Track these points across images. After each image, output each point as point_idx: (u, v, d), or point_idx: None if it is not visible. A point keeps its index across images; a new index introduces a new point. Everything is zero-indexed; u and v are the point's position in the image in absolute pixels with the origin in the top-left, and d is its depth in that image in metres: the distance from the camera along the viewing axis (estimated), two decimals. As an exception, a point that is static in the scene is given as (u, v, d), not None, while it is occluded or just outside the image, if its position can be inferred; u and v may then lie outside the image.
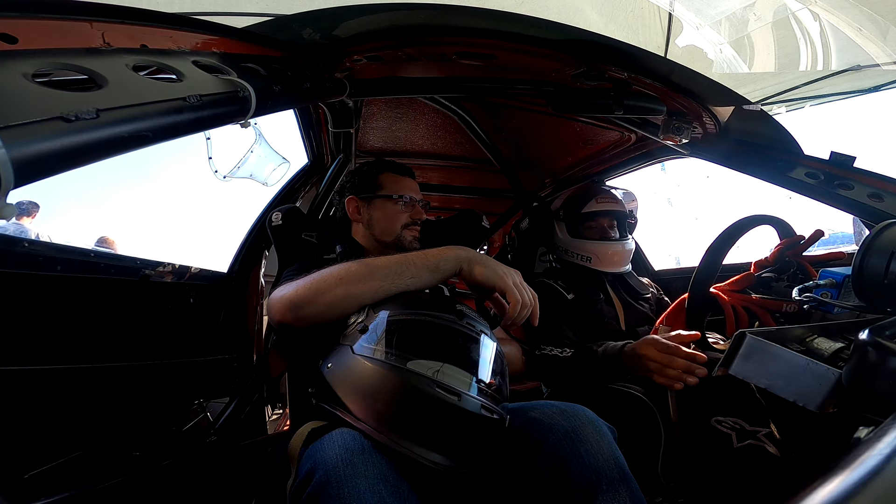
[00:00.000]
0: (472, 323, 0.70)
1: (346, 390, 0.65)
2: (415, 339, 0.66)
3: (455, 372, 0.63)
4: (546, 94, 1.07)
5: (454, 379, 0.62)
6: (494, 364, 0.69)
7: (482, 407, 0.62)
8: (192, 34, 0.64)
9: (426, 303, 0.74)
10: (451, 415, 0.60)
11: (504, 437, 0.66)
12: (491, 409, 0.63)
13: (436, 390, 0.60)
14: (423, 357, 0.63)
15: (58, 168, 0.38)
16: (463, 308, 0.72)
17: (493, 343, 0.71)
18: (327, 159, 1.66)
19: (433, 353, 0.64)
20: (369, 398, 0.63)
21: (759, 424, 0.89)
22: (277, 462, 0.71)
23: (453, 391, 0.61)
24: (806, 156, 1.07)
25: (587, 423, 0.67)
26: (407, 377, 0.61)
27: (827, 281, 0.79)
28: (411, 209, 1.13)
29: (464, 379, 0.63)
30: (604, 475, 0.61)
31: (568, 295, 1.35)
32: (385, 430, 0.60)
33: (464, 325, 0.69)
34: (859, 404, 0.48)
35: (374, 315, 0.70)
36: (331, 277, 0.76)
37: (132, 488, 0.91)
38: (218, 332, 1.43)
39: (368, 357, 0.64)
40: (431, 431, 0.61)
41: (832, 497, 0.24)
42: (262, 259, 1.57)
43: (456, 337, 0.68)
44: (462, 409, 0.61)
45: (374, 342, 0.66)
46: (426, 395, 0.60)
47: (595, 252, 1.40)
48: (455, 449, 0.61)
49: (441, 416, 0.60)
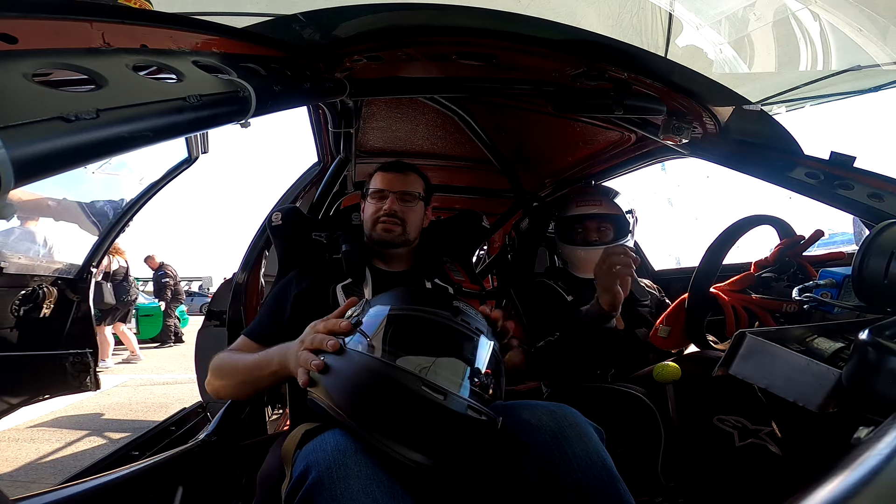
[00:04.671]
0: (468, 320, 0.68)
1: (335, 385, 0.64)
2: (407, 334, 0.65)
3: (444, 370, 0.62)
4: (546, 94, 1.07)
5: (442, 377, 0.61)
6: (488, 364, 0.67)
7: (469, 407, 0.61)
8: (192, 34, 0.64)
9: (424, 298, 0.73)
10: (436, 414, 0.59)
11: (494, 438, 0.65)
12: (479, 410, 0.62)
13: (421, 388, 0.59)
14: (413, 353, 0.62)
15: (58, 168, 0.38)
16: (460, 305, 0.70)
17: (489, 342, 0.69)
18: (327, 159, 1.66)
19: (424, 349, 0.63)
20: (356, 394, 0.62)
21: (761, 423, 0.89)
22: (272, 463, 0.71)
23: (439, 390, 0.59)
24: (806, 156, 1.07)
25: (574, 424, 0.66)
26: (394, 373, 0.60)
27: (827, 281, 0.79)
28: (381, 203, 1.09)
29: (453, 378, 0.62)
30: (591, 477, 0.61)
31: (568, 296, 1.34)
32: (368, 427, 0.59)
33: (458, 323, 0.67)
34: (859, 404, 0.48)
35: (369, 309, 0.69)
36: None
37: (132, 488, 0.91)
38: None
39: (359, 352, 0.64)
40: (414, 430, 0.60)
41: (832, 497, 0.24)
42: (262, 259, 1.57)
43: (449, 334, 0.66)
44: (447, 409, 0.59)
45: (366, 337, 0.65)
46: (411, 393, 0.59)
47: (571, 257, 1.39)
48: (437, 449, 0.60)
49: (425, 415, 0.59)
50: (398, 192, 1.09)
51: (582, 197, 1.42)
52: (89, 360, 1.96)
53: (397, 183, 1.10)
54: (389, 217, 1.07)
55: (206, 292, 11.81)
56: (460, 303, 0.71)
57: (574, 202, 1.41)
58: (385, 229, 1.07)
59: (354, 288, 1.00)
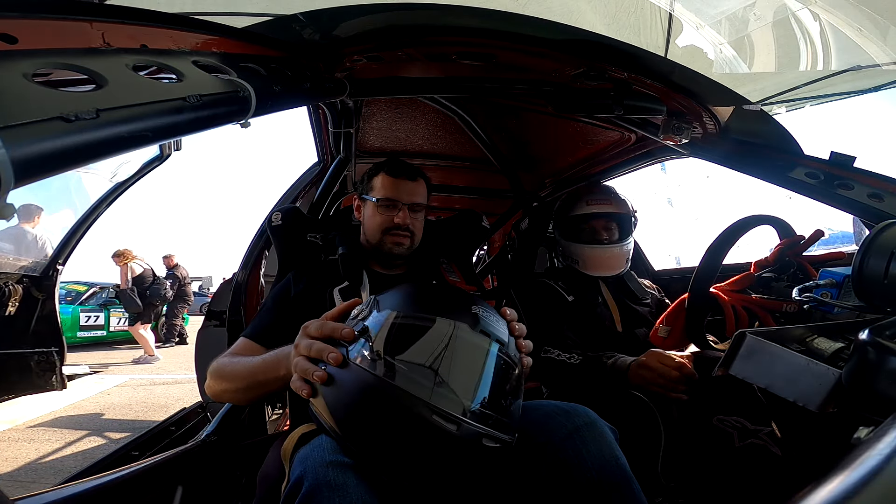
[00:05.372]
0: (488, 330, 0.60)
1: (335, 401, 0.58)
2: (418, 348, 0.57)
3: (457, 390, 0.55)
4: (546, 94, 1.07)
5: (453, 403, 0.55)
6: (507, 380, 0.60)
7: (483, 436, 0.55)
8: (192, 34, 0.64)
9: (439, 301, 0.64)
10: (446, 445, 0.53)
11: (508, 458, 0.60)
12: (494, 438, 0.56)
13: (432, 417, 0.53)
14: (424, 368, 0.56)
15: (58, 168, 0.38)
16: (479, 311, 0.62)
17: (509, 355, 0.62)
18: (327, 159, 1.66)
19: (437, 365, 0.56)
20: (359, 417, 0.56)
21: (761, 423, 0.89)
22: (272, 463, 0.71)
23: (452, 419, 0.53)
24: (806, 156, 1.07)
25: (589, 423, 0.66)
26: (402, 398, 0.54)
27: (827, 281, 0.79)
28: (392, 213, 1.03)
29: (466, 401, 0.55)
30: (606, 476, 0.61)
31: (568, 297, 1.34)
32: (371, 455, 0.55)
33: (477, 335, 0.59)
34: (859, 404, 0.48)
35: (377, 311, 0.62)
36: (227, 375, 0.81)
37: (132, 488, 0.91)
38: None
39: (363, 369, 0.56)
40: (422, 461, 0.55)
41: (832, 497, 0.24)
42: (262, 259, 1.57)
43: (467, 349, 0.58)
44: (459, 440, 0.53)
45: (371, 348, 0.58)
46: (421, 422, 0.53)
47: (581, 255, 1.39)
48: (446, 480, 0.56)
49: (434, 447, 0.54)
50: (410, 203, 1.04)
51: (593, 196, 1.42)
52: (55, 359, 1.95)
53: (410, 193, 1.04)
54: (401, 231, 1.02)
55: (206, 292, 11.80)
56: (479, 307, 0.63)
57: (584, 200, 1.41)
58: (396, 242, 1.03)
59: (351, 291, 0.99)
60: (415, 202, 1.05)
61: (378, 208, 1.04)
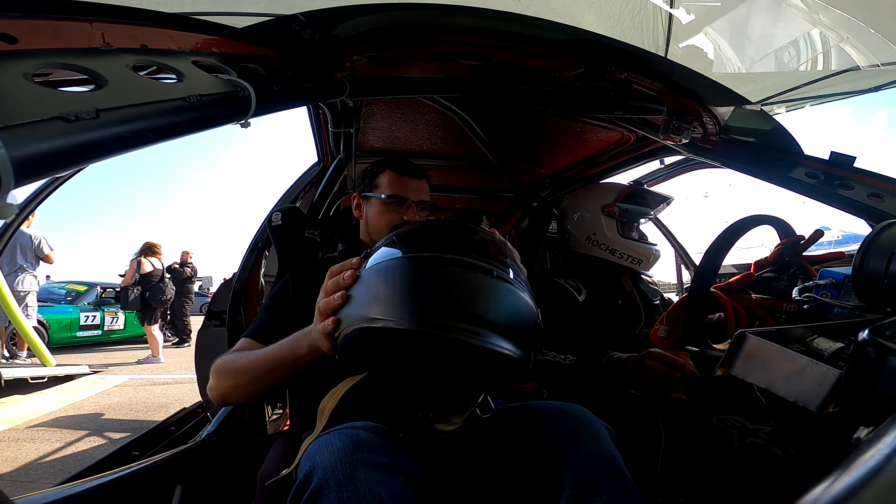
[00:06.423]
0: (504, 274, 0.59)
1: (365, 300, 0.59)
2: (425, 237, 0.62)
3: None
4: (546, 95, 1.07)
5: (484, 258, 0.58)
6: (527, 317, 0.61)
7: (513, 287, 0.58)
8: (192, 34, 0.64)
9: (454, 239, 0.63)
10: (485, 288, 0.56)
11: (523, 371, 0.62)
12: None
13: (468, 260, 0.57)
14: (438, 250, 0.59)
15: (58, 168, 0.38)
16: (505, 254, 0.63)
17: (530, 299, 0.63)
18: (327, 159, 1.66)
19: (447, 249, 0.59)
20: (407, 291, 0.56)
21: (761, 423, 0.89)
22: (272, 463, 0.71)
23: (487, 264, 0.57)
24: (806, 156, 1.07)
25: (586, 423, 0.66)
26: (432, 260, 0.57)
27: (827, 281, 0.79)
28: (402, 211, 1.02)
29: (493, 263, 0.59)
30: (602, 476, 0.61)
31: (579, 295, 1.34)
32: (426, 313, 0.54)
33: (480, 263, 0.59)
34: (859, 404, 0.48)
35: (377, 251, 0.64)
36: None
37: (132, 487, 0.91)
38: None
39: (378, 262, 0.61)
40: (462, 301, 0.55)
41: (832, 497, 0.24)
42: (262, 259, 1.57)
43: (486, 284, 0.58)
44: (497, 282, 0.56)
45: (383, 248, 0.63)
46: (460, 265, 0.56)
47: (645, 255, 1.42)
48: (495, 316, 0.55)
49: (474, 287, 0.56)
50: (417, 200, 1.03)
51: (647, 197, 1.47)
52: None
53: (416, 190, 1.04)
54: None
55: (205, 292, 11.79)
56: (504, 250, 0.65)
57: (641, 195, 1.46)
58: None
59: None
60: (422, 199, 1.05)
61: (386, 206, 1.03)
